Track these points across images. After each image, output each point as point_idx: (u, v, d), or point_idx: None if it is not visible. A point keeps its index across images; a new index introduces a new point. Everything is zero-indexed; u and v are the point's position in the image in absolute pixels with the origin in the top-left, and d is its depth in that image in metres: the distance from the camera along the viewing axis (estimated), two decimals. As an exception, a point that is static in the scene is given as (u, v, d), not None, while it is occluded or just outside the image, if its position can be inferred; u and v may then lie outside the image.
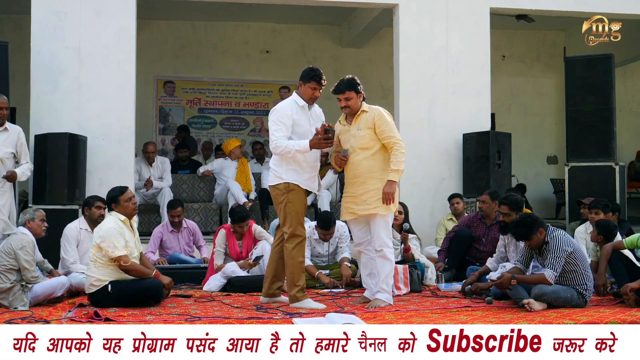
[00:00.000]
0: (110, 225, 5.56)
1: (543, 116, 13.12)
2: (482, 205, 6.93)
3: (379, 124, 5.38)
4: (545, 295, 5.18)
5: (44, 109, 7.79)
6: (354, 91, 5.44)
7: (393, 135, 5.40)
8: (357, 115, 5.48)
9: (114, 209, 5.66)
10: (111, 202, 5.68)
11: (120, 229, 5.55)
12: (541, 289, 5.21)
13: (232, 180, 9.12)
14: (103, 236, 5.48)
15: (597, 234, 5.97)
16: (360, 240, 5.63)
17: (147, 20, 10.54)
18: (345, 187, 5.59)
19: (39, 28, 7.88)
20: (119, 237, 5.48)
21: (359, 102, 5.49)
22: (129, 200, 5.68)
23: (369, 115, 5.44)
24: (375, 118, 5.40)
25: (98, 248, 5.48)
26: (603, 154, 8.27)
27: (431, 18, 8.75)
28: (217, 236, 6.86)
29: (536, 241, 5.32)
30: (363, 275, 5.74)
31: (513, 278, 5.22)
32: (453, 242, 7.01)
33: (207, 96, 12.25)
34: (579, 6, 9.08)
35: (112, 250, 5.43)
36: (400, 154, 5.37)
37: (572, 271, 5.28)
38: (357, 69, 11.88)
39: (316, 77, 5.44)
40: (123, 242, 5.50)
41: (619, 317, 4.78)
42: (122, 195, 5.66)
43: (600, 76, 8.34)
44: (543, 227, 5.32)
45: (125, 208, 5.65)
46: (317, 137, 5.30)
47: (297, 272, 5.41)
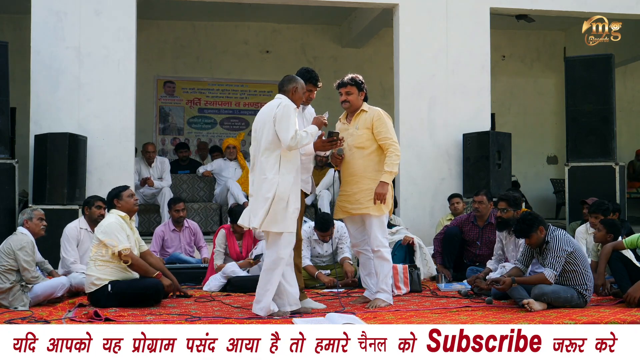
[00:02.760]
0: (111, 220, 5.61)
1: (543, 116, 13.11)
2: (479, 206, 6.92)
3: (376, 125, 5.40)
4: (546, 296, 5.18)
5: (44, 109, 7.79)
6: (356, 87, 5.47)
7: (390, 137, 5.41)
8: (357, 114, 5.50)
9: (115, 205, 5.71)
10: (113, 198, 5.73)
11: (122, 224, 5.59)
12: (541, 289, 5.20)
13: (232, 180, 9.13)
14: (105, 231, 5.50)
15: (606, 232, 5.95)
16: (356, 240, 5.64)
17: (147, 20, 10.53)
18: (341, 186, 5.61)
19: (39, 28, 7.88)
20: (121, 232, 5.53)
21: (360, 100, 5.51)
22: (131, 196, 5.77)
23: (368, 115, 5.46)
24: (374, 118, 5.42)
25: (101, 245, 5.49)
26: (603, 154, 8.27)
27: (431, 18, 8.75)
28: (217, 236, 6.87)
29: (536, 239, 5.32)
30: (362, 276, 5.75)
31: (513, 282, 5.22)
32: (445, 242, 7.00)
33: (207, 96, 12.25)
34: (579, 6, 9.08)
35: (116, 244, 5.45)
36: (395, 157, 5.39)
37: (572, 271, 5.28)
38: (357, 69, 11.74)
39: (313, 78, 5.46)
40: (125, 236, 5.53)
41: (619, 317, 4.78)
42: (124, 191, 5.76)
43: (600, 76, 8.34)
44: (544, 226, 5.32)
45: (127, 203, 5.71)
46: (321, 139, 5.29)
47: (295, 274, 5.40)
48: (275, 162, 4.98)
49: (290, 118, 4.94)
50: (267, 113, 5.09)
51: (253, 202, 5.08)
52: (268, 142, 5.00)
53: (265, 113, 5.11)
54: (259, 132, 5.10)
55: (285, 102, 5.07)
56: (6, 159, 7.21)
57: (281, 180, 4.95)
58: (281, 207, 4.93)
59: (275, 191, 4.92)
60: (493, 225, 6.78)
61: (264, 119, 5.08)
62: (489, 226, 6.87)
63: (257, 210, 4.98)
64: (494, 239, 6.61)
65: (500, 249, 6.34)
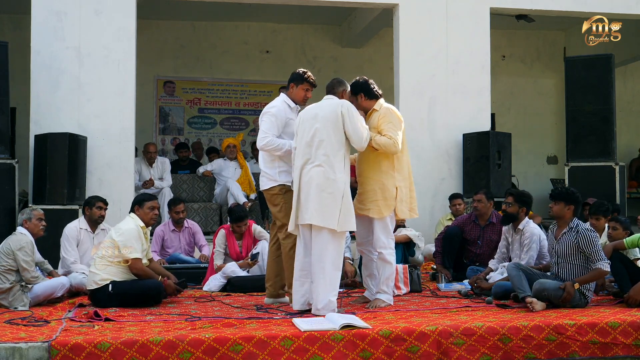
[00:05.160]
0: (132, 226, 5.61)
1: (543, 116, 13.10)
2: (478, 205, 6.92)
3: (381, 122, 5.38)
4: (546, 291, 5.17)
5: (44, 109, 7.79)
6: (364, 94, 5.45)
7: (392, 134, 5.32)
8: (369, 115, 5.51)
9: (135, 212, 5.70)
10: (135, 204, 5.74)
11: (140, 233, 5.61)
12: (542, 284, 5.21)
13: (232, 181, 9.14)
14: (124, 235, 5.52)
15: (623, 229, 5.97)
16: (361, 239, 5.64)
17: (147, 20, 10.53)
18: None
19: (39, 28, 7.88)
20: (138, 240, 5.55)
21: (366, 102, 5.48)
22: (152, 208, 5.75)
23: (377, 114, 5.45)
24: (380, 116, 5.40)
25: (113, 246, 5.49)
26: (603, 154, 8.27)
27: (431, 18, 8.76)
28: (217, 236, 6.87)
29: (562, 210, 5.34)
30: (364, 276, 5.75)
31: (574, 283, 5.18)
32: (445, 242, 7.01)
33: (207, 96, 12.24)
34: (579, 6, 9.08)
35: (130, 252, 5.48)
36: (388, 142, 5.26)
37: (584, 268, 5.28)
38: (357, 69, 11.87)
39: (308, 78, 5.53)
40: (140, 246, 5.56)
41: (619, 317, 4.77)
42: (149, 202, 5.75)
43: (600, 76, 8.33)
44: (576, 211, 5.39)
45: (146, 214, 5.72)
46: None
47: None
48: (341, 161, 5.10)
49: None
50: (329, 111, 5.13)
51: (316, 201, 5.04)
52: (336, 141, 5.08)
53: (327, 111, 5.15)
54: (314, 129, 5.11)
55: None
56: (6, 159, 7.21)
57: (346, 179, 5.11)
58: (349, 207, 5.08)
59: (344, 190, 5.05)
60: (494, 225, 6.79)
61: (325, 117, 5.11)
62: (490, 226, 6.87)
63: (330, 209, 5.01)
64: (495, 239, 6.61)
65: (505, 247, 6.33)
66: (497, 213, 6.88)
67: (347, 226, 5.07)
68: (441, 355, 4.40)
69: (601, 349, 4.56)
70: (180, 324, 4.69)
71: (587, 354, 4.54)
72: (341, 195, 5.02)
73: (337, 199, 5.01)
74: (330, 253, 5.04)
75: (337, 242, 5.08)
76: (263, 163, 5.57)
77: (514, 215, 6.16)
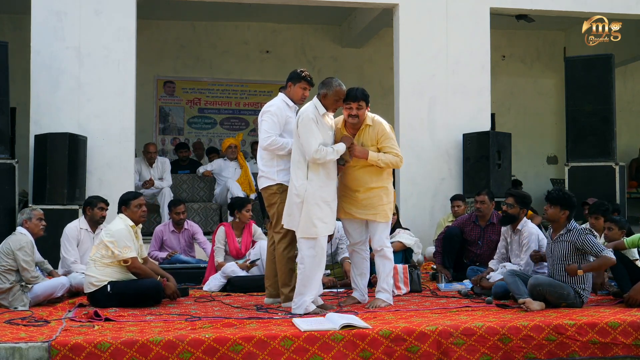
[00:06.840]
0: (121, 226, 5.59)
1: (543, 116, 13.11)
2: (480, 206, 6.91)
3: (382, 140, 5.40)
4: (541, 286, 5.18)
5: (44, 109, 7.79)
6: (366, 103, 5.39)
7: (396, 152, 5.42)
8: (361, 130, 5.43)
9: (123, 212, 5.69)
10: (122, 205, 5.72)
11: (130, 233, 5.59)
12: (537, 280, 5.23)
13: (232, 181, 9.14)
14: (114, 236, 5.50)
15: (618, 228, 5.97)
16: (354, 240, 5.63)
17: (147, 20, 10.53)
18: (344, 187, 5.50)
19: (39, 28, 7.89)
20: (130, 240, 5.54)
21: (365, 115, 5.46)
22: (139, 206, 5.72)
23: (372, 130, 5.40)
24: (379, 134, 5.39)
25: (104, 247, 5.48)
26: (603, 154, 8.27)
27: (431, 18, 8.76)
28: (217, 233, 6.88)
29: (557, 214, 5.34)
30: (354, 275, 5.73)
31: (579, 268, 5.19)
32: (445, 242, 7.00)
33: (207, 96, 12.25)
34: (579, 6, 9.08)
35: (124, 252, 5.46)
36: (394, 159, 5.38)
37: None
38: (357, 69, 11.90)
39: (306, 77, 5.54)
40: (133, 244, 5.55)
41: (619, 317, 4.77)
42: (134, 200, 5.71)
43: (600, 76, 8.34)
44: (571, 216, 5.38)
45: (134, 213, 5.68)
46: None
47: (288, 272, 5.42)
48: (302, 168, 5.21)
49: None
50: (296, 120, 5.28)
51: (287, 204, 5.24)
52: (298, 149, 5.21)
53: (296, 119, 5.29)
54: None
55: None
56: (6, 159, 7.21)
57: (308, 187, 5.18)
58: (310, 215, 5.15)
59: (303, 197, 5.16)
60: (495, 226, 6.78)
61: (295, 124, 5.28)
62: (490, 226, 6.86)
63: (294, 214, 5.18)
64: (495, 239, 6.61)
65: (504, 247, 6.33)
66: (497, 213, 6.88)
67: (309, 232, 5.13)
68: (441, 355, 4.41)
69: (601, 349, 4.56)
70: (180, 324, 4.69)
71: (587, 354, 4.54)
72: (301, 202, 5.11)
73: (298, 206, 5.14)
74: (305, 253, 5.16)
75: (311, 243, 5.14)
76: (262, 162, 5.57)
77: (514, 216, 6.15)
